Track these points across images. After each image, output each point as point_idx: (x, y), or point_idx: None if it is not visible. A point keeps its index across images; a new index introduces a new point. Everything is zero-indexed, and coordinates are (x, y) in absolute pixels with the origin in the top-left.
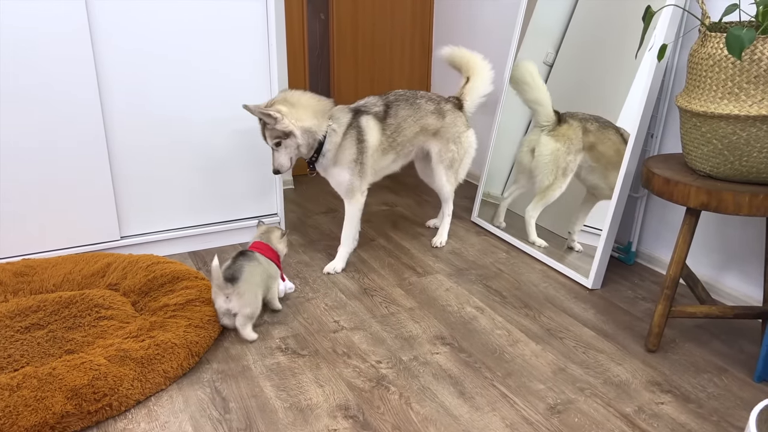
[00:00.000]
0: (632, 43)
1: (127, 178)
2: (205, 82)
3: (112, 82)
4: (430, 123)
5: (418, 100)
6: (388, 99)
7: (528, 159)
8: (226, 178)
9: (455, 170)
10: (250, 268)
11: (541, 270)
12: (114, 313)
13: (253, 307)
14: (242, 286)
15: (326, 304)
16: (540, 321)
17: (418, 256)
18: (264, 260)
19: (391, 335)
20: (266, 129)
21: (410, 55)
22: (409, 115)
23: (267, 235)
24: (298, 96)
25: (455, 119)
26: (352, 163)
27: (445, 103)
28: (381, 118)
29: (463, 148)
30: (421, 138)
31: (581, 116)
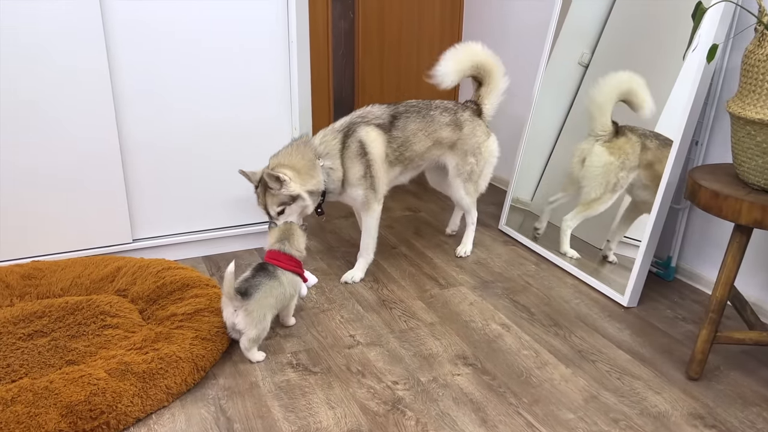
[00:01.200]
0: (674, 42)
1: (140, 180)
2: (222, 82)
3: (126, 82)
4: (445, 136)
5: (431, 111)
6: (397, 110)
7: (578, 168)
8: (241, 181)
9: (475, 182)
10: (268, 288)
11: (573, 285)
12: (120, 322)
13: (259, 329)
14: (252, 304)
15: (342, 316)
16: (571, 341)
17: (441, 266)
18: (286, 280)
19: (409, 353)
20: (268, 195)
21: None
22: (420, 128)
23: (287, 239)
24: (289, 156)
25: (474, 129)
26: (361, 179)
27: (462, 112)
28: (386, 128)
29: (483, 158)
30: (435, 152)
31: (641, 131)
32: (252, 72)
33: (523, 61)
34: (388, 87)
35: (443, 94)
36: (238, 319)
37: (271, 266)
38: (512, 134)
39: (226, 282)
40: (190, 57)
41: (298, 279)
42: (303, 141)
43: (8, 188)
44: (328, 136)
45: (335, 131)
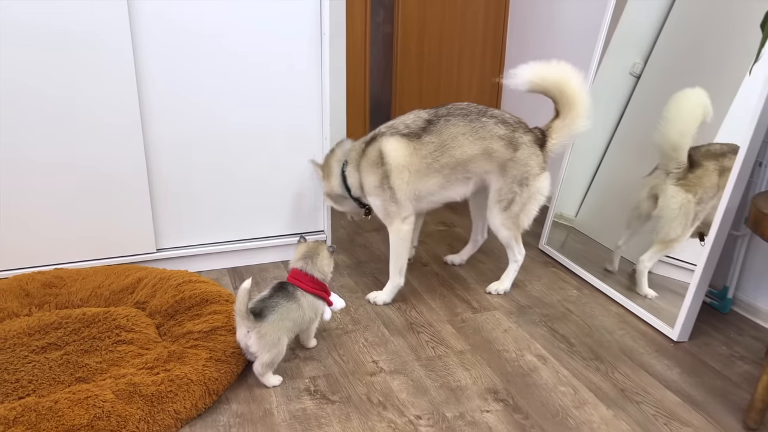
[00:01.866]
0: (737, 53)
1: (166, 189)
2: (251, 89)
3: (153, 87)
4: (495, 149)
5: (484, 118)
6: (438, 112)
7: (648, 206)
8: (269, 191)
9: (515, 215)
10: (285, 310)
11: (618, 314)
12: (135, 337)
13: (273, 353)
14: (266, 327)
15: (366, 339)
16: (613, 378)
17: (474, 287)
18: (306, 302)
19: (435, 384)
20: None
21: (480, 62)
22: (462, 132)
23: (310, 258)
24: (328, 156)
25: (530, 156)
26: (377, 189)
27: (524, 133)
28: (415, 135)
29: (529, 192)
30: (482, 165)
31: (716, 151)
32: (282, 78)
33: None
34: (427, 96)
35: (484, 99)
36: (251, 341)
37: (292, 286)
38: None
39: (239, 300)
40: (217, 62)
41: (320, 302)
42: (340, 143)
43: (34, 195)
44: (356, 144)
45: (362, 140)
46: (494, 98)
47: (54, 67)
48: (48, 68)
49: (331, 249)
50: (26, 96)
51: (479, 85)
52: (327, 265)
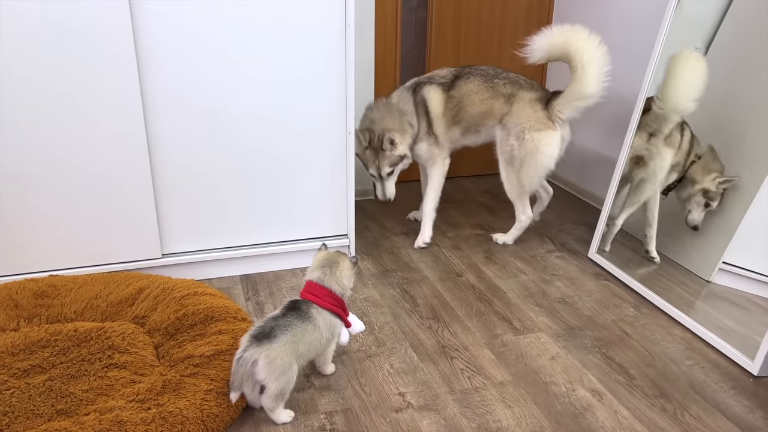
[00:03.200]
0: None
1: (172, 189)
2: (265, 84)
3: (155, 81)
4: (496, 107)
5: (497, 79)
6: (462, 71)
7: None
8: (286, 191)
9: (515, 170)
10: (299, 331)
11: (683, 339)
12: (129, 360)
13: (282, 382)
14: (276, 349)
15: (392, 365)
16: (684, 422)
17: (515, 302)
18: (322, 321)
19: (472, 425)
20: (381, 156)
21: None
22: (476, 91)
23: (329, 268)
24: (386, 118)
25: (523, 109)
26: (425, 135)
27: (528, 91)
28: (447, 87)
29: (525, 147)
30: (489, 121)
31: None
32: (300, 66)
33: (627, 54)
34: None
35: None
36: (257, 367)
37: (306, 304)
38: (608, 142)
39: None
40: (225, 49)
41: (337, 321)
42: (384, 102)
43: (28, 196)
44: (404, 93)
45: (405, 89)
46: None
47: (54, 68)
48: (48, 69)
49: (354, 260)
50: (25, 96)
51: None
52: (347, 277)
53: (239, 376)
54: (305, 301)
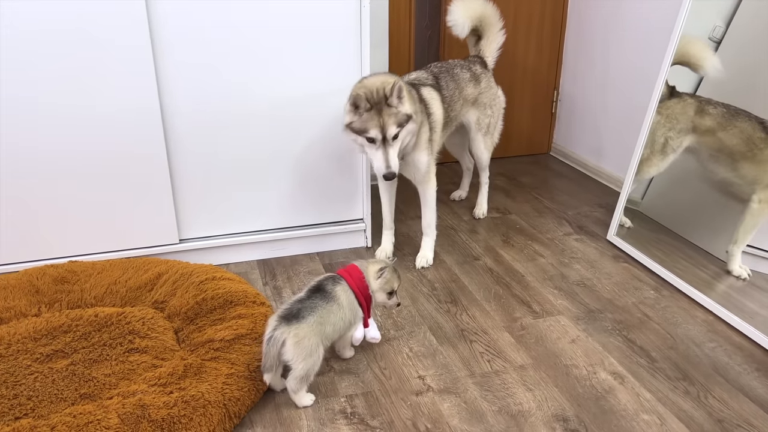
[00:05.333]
0: None
1: (189, 175)
2: (278, 66)
3: (171, 63)
4: (469, 92)
5: (455, 70)
6: (433, 71)
7: None
8: (303, 176)
9: (491, 134)
10: (326, 312)
11: (705, 321)
12: (149, 345)
13: (309, 363)
14: (304, 329)
15: (411, 348)
16: (707, 404)
17: (534, 286)
18: (347, 300)
19: (492, 407)
20: (386, 114)
21: (539, 24)
22: (454, 87)
23: (370, 264)
24: (385, 77)
25: (489, 81)
26: (427, 142)
27: (474, 66)
28: (438, 89)
29: (498, 109)
30: (465, 109)
31: (703, 98)
32: (315, 46)
33: (648, 32)
34: None
35: (542, 79)
36: (285, 347)
37: (332, 283)
38: (625, 122)
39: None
40: (242, 38)
41: (358, 307)
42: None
43: (47, 181)
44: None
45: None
46: (554, 59)
47: (68, 50)
48: (63, 52)
49: (380, 273)
50: (41, 81)
51: (537, 49)
52: (373, 280)
53: (271, 357)
54: (333, 278)
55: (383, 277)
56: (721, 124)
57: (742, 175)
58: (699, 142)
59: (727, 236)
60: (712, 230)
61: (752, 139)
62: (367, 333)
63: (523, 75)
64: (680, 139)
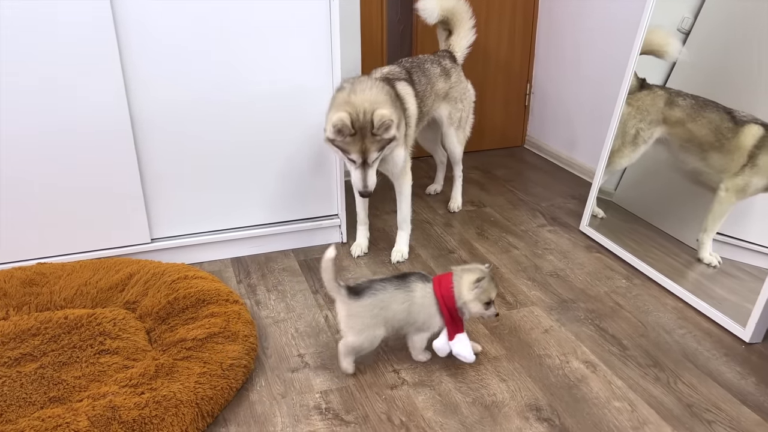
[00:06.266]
0: None
1: (159, 173)
2: (248, 62)
3: (138, 55)
4: (441, 87)
5: (425, 65)
6: (405, 66)
7: None
8: (276, 172)
9: (464, 128)
10: (387, 297)
11: (675, 308)
12: (121, 346)
13: (359, 340)
14: (357, 307)
15: (386, 343)
16: (677, 390)
17: (508, 277)
18: (421, 300)
19: (467, 399)
20: (369, 141)
21: (511, 17)
22: (426, 82)
23: (463, 272)
24: (372, 92)
25: (459, 75)
26: (402, 137)
27: (444, 60)
28: (412, 84)
29: (468, 102)
30: (437, 104)
31: (673, 90)
32: (286, 42)
33: (617, 23)
34: None
35: (515, 72)
36: (339, 315)
37: (419, 279)
38: (596, 114)
39: (325, 269)
40: (212, 28)
41: (436, 315)
42: (362, 78)
43: (12, 182)
44: (378, 82)
45: (376, 79)
46: (527, 54)
47: (32, 47)
48: (26, 49)
49: (477, 285)
50: (5, 76)
51: (509, 43)
52: (466, 289)
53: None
54: (423, 277)
55: (479, 287)
56: (690, 116)
57: (711, 164)
58: (669, 133)
59: (698, 225)
60: (682, 219)
61: (720, 130)
62: (453, 347)
63: (496, 68)
64: (651, 130)
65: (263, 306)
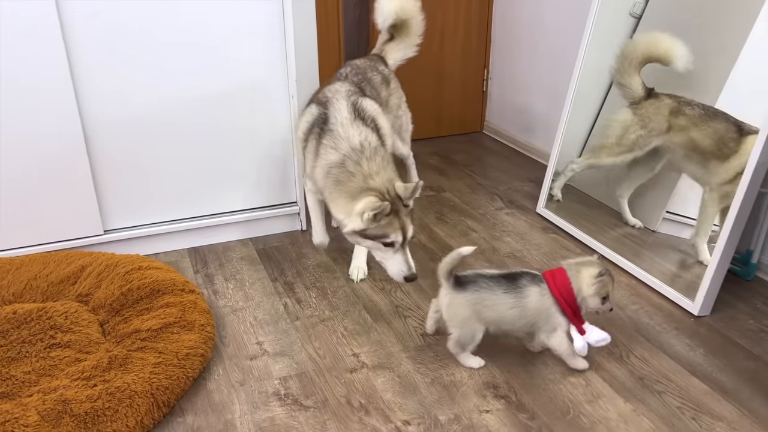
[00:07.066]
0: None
1: (110, 163)
2: (202, 48)
3: (86, 49)
4: (384, 96)
5: (368, 74)
6: (353, 81)
7: None
8: (232, 160)
9: (407, 130)
10: (491, 297)
11: (628, 285)
12: (73, 339)
13: (461, 333)
14: (458, 299)
15: (345, 327)
16: (629, 364)
17: (467, 260)
18: (535, 304)
19: (426, 380)
20: (403, 215)
21: (467, 4)
22: (376, 95)
23: (579, 267)
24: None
25: (396, 81)
26: None
27: (380, 65)
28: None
29: (404, 105)
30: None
31: (682, 99)
32: (237, 35)
33: (566, 13)
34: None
35: (472, 58)
36: (442, 304)
37: (530, 280)
38: (551, 98)
39: (447, 258)
40: (162, 21)
41: (557, 314)
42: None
43: None
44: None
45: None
46: (483, 43)
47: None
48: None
49: (603, 273)
50: None
51: (465, 30)
52: (587, 284)
53: (433, 308)
54: (534, 276)
55: (600, 282)
56: (696, 124)
57: (710, 171)
58: (672, 141)
59: (652, 203)
60: (637, 198)
61: (723, 139)
62: (589, 339)
63: (453, 54)
64: (650, 138)
65: (221, 295)
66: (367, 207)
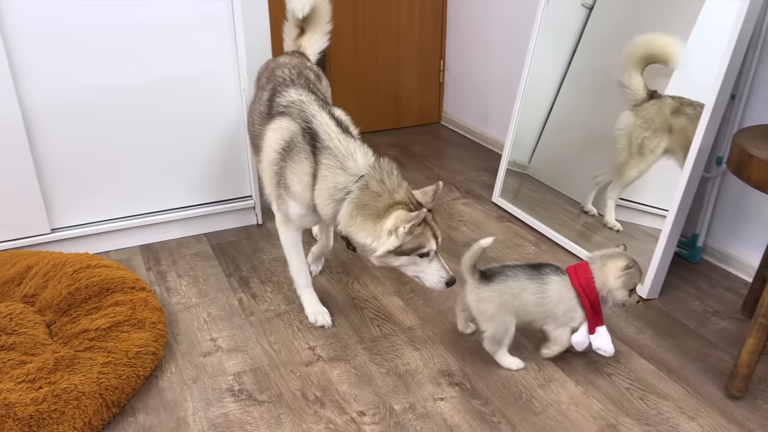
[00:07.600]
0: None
1: (55, 160)
2: (148, 44)
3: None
4: (324, 94)
5: (305, 72)
6: (301, 82)
7: None
8: (181, 155)
9: None
10: (517, 286)
11: None
12: (18, 341)
13: (493, 328)
14: (486, 292)
15: (301, 321)
16: None
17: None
18: (557, 293)
19: (381, 370)
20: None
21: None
22: (323, 97)
23: (604, 259)
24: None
25: (324, 77)
26: None
27: (306, 61)
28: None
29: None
30: None
31: (685, 100)
32: (184, 21)
33: (518, 3)
34: (364, 38)
35: (428, 49)
36: (469, 299)
37: (553, 270)
38: (505, 89)
39: (469, 252)
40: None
41: (577, 309)
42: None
43: None
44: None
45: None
46: (438, 36)
47: None
48: None
49: (630, 265)
50: None
51: (421, 24)
52: (614, 277)
53: (461, 302)
54: (557, 268)
55: (627, 274)
56: (695, 123)
57: None
58: (673, 141)
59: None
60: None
61: None
62: (594, 341)
63: (409, 45)
64: (656, 139)
65: (174, 292)
66: (400, 221)
